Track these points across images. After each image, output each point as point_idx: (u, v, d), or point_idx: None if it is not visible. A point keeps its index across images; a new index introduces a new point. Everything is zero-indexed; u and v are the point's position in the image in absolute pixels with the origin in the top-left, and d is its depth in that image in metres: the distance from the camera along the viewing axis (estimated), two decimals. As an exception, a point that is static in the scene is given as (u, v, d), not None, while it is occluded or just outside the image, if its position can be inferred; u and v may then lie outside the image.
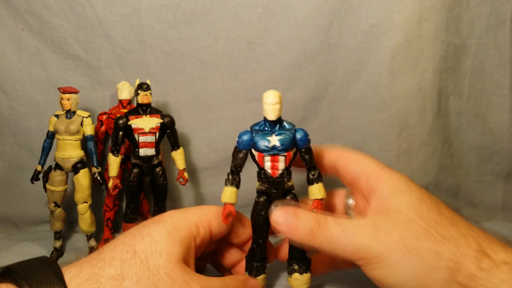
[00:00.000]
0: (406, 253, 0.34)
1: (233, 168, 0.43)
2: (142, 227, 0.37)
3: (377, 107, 0.75)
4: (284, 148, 0.41)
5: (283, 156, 0.42)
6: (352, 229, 0.37)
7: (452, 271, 0.33)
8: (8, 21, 0.71)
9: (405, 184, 0.40)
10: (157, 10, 0.71)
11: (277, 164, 0.42)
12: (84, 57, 0.72)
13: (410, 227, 0.36)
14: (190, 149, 0.76)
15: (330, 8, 0.71)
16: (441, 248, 0.34)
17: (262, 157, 0.42)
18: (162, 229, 0.36)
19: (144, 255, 0.33)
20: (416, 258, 0.34)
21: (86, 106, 0.71)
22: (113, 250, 0.34)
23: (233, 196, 0.42)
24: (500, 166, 0.79)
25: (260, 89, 0.74)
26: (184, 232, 0.37)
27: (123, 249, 0.34)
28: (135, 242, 0.34)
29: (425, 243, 0.35)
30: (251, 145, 0.42)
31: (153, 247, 0.34)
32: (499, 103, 0.78)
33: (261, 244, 0.44)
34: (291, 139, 0.42)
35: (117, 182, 0.60)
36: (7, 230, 0.74)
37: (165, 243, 0.35)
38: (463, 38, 0.75)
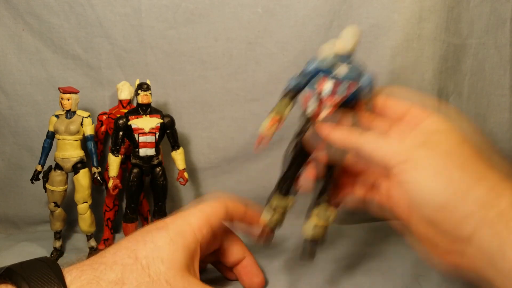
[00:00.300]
0: (446, 164, 0.34)
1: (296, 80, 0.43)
2: (146, 232, 0.37)
3: (377, 107, 0.75)
4: (349, 77, 0.41)
5: (346, 83, 0.41)
6: (394, 135, 0.37)
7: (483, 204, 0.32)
8: (8, 21, 0.71)
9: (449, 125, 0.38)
10: (157, 10, 0.71)
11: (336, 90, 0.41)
12: (84, 57, 0.72)
13: (448, 157, 0.35)
14: (190, 149, 0.76)
15: (330, 8, 0.71)
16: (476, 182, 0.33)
17: (324, 81, 0.41)
18: (165, 236, 0.36)
19: (146, 261, 0.33)
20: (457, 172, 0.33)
21: (86, 106, 0.71)
22: (115, 255, 0.34)
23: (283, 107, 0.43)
24: (500, 166, 0.79)
25: (260, 89, 0.75)
26: (189, 239, 0.37)
27: (125, 254, 0.34)
28: (137, 247, 0.34)
29: (460, 172, 0.33)
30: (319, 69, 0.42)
31: (155, 253, 0.34)
32: (499, 103, 0.78)
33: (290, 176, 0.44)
34: (358, 73, 0.41)
35: (117, 182, 0.60)
36: (7, 230, 0.74)
37: (167, 250, 0.34)
38: (463, 38, 0.75)
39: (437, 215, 0.33)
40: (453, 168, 0.34)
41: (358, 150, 0.38)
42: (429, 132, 0.37)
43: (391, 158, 0.36)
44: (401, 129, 0.41)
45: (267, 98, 0.74)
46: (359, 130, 0.38)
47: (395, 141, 0.36)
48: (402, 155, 0.35)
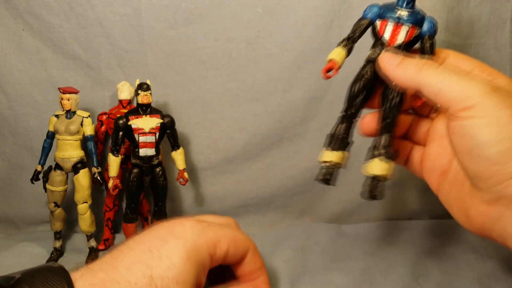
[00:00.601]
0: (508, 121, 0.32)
1: (351, 34, 0.41)
2: (162, 242, 0.34)
3: (377, 107, 0.75)
4: (409, 20, 0.40)
5: (407, 26, 0.40)
6: (468, 76, 0.35)
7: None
8: (8, 21, 0.71)
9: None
10: (157, 10, 0.71)
11: (397, 32, 0.40)
12: (84, 57, 0.72)
13: None
14: (190, 149, 0.76)
15: (330, 8, 0.71)
16: None
17: (385, 25, 0.40)
18: (181, 250, 0.34)
19: (161, 282, 0.32)
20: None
21: (86, 106, 0.71)
22: (129, 271, 0.32)
23: (342, 56, 0.42)
24: (500, 166, 0.79)
25: (260, 89, 0.75)
26: (203, 254, 0.35)
27: (140, 271, 0.32)
28: (152, 264, 0.33)
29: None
30: (378, 16, 0.41)
31: (170, 273, 0.32)
32: (499, 103, 0.78)
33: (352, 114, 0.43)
34: (420, 18, 0.40)
35: (117, 182, 0.60)
36: (7, 230, 0.74)
37: (182, 269, 0.33)
38: (463, 38, 0.75)
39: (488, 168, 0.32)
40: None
41: (423, 88, 0.36)
42: (499, 85, 0.36)
43: (458, 99, 0.34)
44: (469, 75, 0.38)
45: (267, 98, 0.74)
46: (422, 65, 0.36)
47: (464, 82, 0.34)
48: (471, 99, 0.33)
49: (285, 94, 0.74)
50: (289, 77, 0.74)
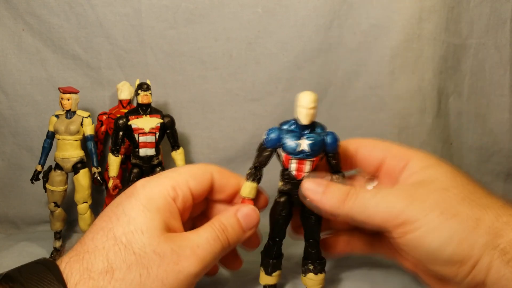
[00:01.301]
0: (444, 216, 0.33)
1: (257, 164, 0.41)
2: (116, 205, 0.35)
3: (377, 107, 0.75)
4: (312, 153, 0.40)
5: (310, 161, 0.40)
6: (385, 195, 0.36)
7: (492, 236, 0.32)
8: (8, 21, 0.71)
9: (435, 160, 0.39)
10: (157, 10, 0.71)
11: (303, 167, 0.41)
12: (84, 57, 0.72)
13: (447, 194, 0.35)
14: (190, 149, 0.76)
15: (330, 8, 0.71)
16: (481, 214, 0.33)
17: (288, 159, 0.41)
18: (136, 204, 0.34)
19: (126, 238, 0.32)
20: (455, 222, 0.33)
21: (86, 106, 0.71)
22: (94, 239, 0.33)
23: (253, 192, 0.41)
24: (500, 166, 0.79)
25: (260, 89, 0.75)
26: (161, 200, 0.35)
27: (103, 235, 0.32)
28: (112, 225, 0.33)
29: (463, 208, 0.34)
30: (279, 144, 0.41)
31: (131, 226, 0.32)
32: (499, 103, 0.78)
33: (278, 242, 0.44)
34: (320, 144, 0.40)
35: (117, 182, 0.60)
36: (7, 230, 0.74)
37: (143, 218, 0.33)
38: (463, 38, 0.75)
39: (450, 268, 0.34)
40: (456, 209, 0.34)
41: (348, 218, 0.38)
42: (419, 169, 0.38)
43: (384, 223, 0.35)
44: (387, 179, 0.41)
45: (267, 98, 0.74)
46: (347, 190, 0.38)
47: (385, 203, 0.36)
48: (398, 218, 0.35)
49: (285, 94, 0.74)
50: (289, 77, 0.74)
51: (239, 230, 0.38)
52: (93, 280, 0.30)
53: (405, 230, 0.34)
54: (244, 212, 0.39)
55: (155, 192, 0.36)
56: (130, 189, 0.36)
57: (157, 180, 0.37)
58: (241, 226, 0.39)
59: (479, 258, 0.32)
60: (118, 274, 0.30)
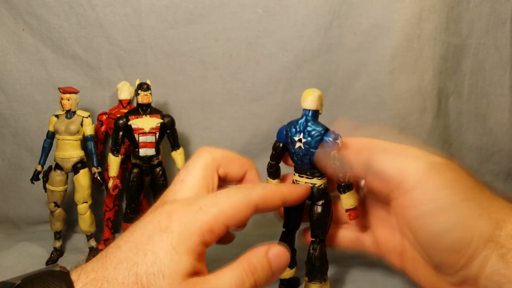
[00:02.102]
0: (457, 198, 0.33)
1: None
2: (147, 238, 0.33)
3: (377, 107, 0.75)
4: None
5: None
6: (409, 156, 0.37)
7: (493, 227, 0.32)
8: (8, 21, 0.71)
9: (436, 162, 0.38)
10: (157, 10, 0.71)
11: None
12: (84, 57, 0.72)
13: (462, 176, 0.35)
14: (190, 149, 0.76)
15: (330, 8, 0.71)
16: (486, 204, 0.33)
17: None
18: (167, 244, 0.32)
19: (146, 279, 0.30)
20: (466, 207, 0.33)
21: (86, 106, 0.71)
22: (116, 269, 0.31)
23: None
24: (500, 166, 0.79)
25: (260, 89, 0.75)
26: (194, 243, 0.33)
27: (126, 269, 0.31)
28: (137, 260, 0.31)
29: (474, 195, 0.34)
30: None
31: (155, 268, 0.31)
32: (499, 103, 0.78)
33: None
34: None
35: (117, 182, 0.60)
36: (7, 230, 0.74)
37: (169, 260, 0.31)
38: (463, 38, 0.75)
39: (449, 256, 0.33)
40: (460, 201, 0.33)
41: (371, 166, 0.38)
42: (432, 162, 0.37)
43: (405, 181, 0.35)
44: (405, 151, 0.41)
45: (267, 98, 0.74)
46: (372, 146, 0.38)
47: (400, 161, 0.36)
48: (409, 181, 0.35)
49: (285, 94, 0.74)
50: (289, 77, 0.74)
51: (268, 272, 0.34)
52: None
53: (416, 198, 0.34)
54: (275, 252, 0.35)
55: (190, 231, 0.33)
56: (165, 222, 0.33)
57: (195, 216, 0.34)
58: (271, 268, 0.35)
59: (476, 250, 0.32)
60: None
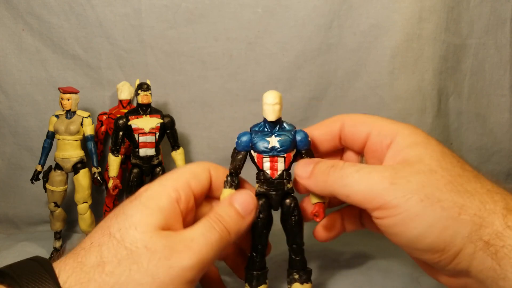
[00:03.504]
0: (426, 203, 0.32)
1: (232, 170, 0.42)
2: (118, 208, 0.36)
3: (377, 107, 0.75)
4: (283, 149, 0.41)
5: (282, 157, 0.41)
6: (368, 173, 0.35)
7: (476, 226, 0.31)
8: (8, 21, 0.71)
9: (424, 137, 0.37)
10: (157, 10, 0.71)
11: (276, 165, 0.41)
12: (84, 57, 0.72)
13: (432, 177, 0.33)
14: (190, 149, 0.76)
15: (330, 8, 0.71)
16: (465, 201, 0.32)
17: (261, 158, 0.41)
18: (135, 204, 0.35)
19: (119, 234, 0.32)
20: (437, 209, 0.31)
21: (86, 106, 0.71)
22: (91, 237, 0.33)
23: None
24: (500, 166, 0.79)
25: (260, 89, 0.75)
26: (163, 200, 0.35)
27: (100, 233, 0.33)
28: (110, 223, 0.34)
29: (448, 195, 0.32)
30: (250, 146, 0.42)
31: (126, 223, 0.33)
32: (499, 103, 0.78)
33: (260, 251, 0.42)
34: (291, 140, 0.41)
35: (117, 182, 0.60)
36: (7, 230, 0.74)
37: (139, 215, 0.33)
38: (463, 38, 0.75)
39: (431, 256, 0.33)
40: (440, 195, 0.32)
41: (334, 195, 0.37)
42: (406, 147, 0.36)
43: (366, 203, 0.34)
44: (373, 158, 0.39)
45: (267, 98, 0.74)
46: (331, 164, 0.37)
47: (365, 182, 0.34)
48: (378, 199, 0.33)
49: (285, 94, 0.74)
50: (289, 77, 0.74)
51: (237, 217, 0.37)
52: (84, 273, 0.30)
53: (385, 213, 0.33)
54: (239, 198, 0.39)
55: (157, 193, 0.36)
56: (135, 194, 0.37)
57: (159, 182, 0.37)
58: (238, 213, 0.38)
59: (462, 248, 0.31)
60: (109, 268, 0.30)
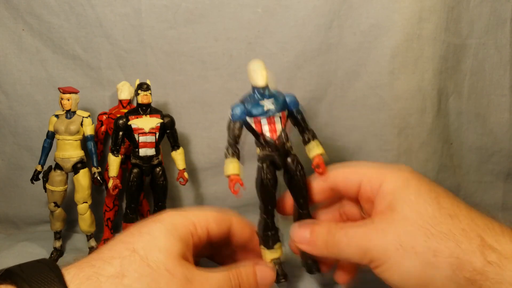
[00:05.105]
0: (402, 252, 0.34)
1: (231, 140, 0.42)
2: (141, 226, 0.37)
3: (377, 107, 0.75)
4: (278, 108, 0.42)
5: (278, 116, 0.43)
6: (354, 233, 0.38)
7: (455, 267, 0.33)
8: (8, 21, 0.71)
9: (403, 179, 0.39)
10: (157, 10, 0.71)
11: (274, 125, 0.42)
12: (84, 57, 0.72)
13: (405, 225, 0.35)
14: (190, 149, 0.76)
15: (330, 8, 0.71)
16: (439, 244, 0.33)
17: (259, 121, 0.42)
18: (161, 227, 0.36)
19: (144, 252, 0.33)
20: (413, 257, 0.34)
21: (86, 106, 0.71)
22: (111, 250, 0.34)
23: (236, 167, 0.42)
24: (500, 166, 0.79)
25: (260, 89, 0.75)
26: (183, 230, 0.37)
27: (122, 247, 0.33)
28: (133, 240, 0.34)
29: (420, 241, 0.34)
30: (245, 114, 0.43)
31: (152, 244, 0.34)
32: (499, 103, 0.78)
33: (271, 212, 0.44)
34: (282, 100, 0.43)
35: (117, 182, 0.60)
36: (7, 230, 0.74)
37: (164, 239, 0.35)
38: (463, 38, 0.75)
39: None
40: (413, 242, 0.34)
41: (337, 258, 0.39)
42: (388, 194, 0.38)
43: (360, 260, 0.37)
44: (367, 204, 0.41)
45: (267, 98, 0.74)
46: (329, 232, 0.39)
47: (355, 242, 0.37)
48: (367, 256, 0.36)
49: (285, 94, 0.74)
50: (289, 77, 0.74)
51: (253, 283, 0.39)
52: (99, 282, 0.30)
53: (374, 265, 0.36)
54: (262, 268, 0.40)
55: (179, 222, 0.37)
56: (157, 216, 0.38)
57: (182, 213, 0.39)
58: (255, 280, 0.39)
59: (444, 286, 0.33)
60: (127, 281, 0.31)
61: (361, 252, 0.36)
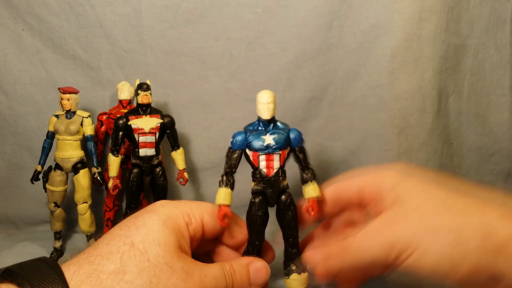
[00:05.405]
0: (431, 234, 0.34)
1: (227, 169, 0.42)
2: (135, 218, 0.36)
3: (377, 107, 0.75)
4: (278, 146, 0.42)
5: (277, 154, 0.42)
6: (374, 231, 0.37)
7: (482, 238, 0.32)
8: (8, 21, 0.71)
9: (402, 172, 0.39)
10: (157, 10, 0.71)
11: (272, 162, 0.42)
12: (84, 57, 0.72)
13: (422, 211, 0.35)
14: (190, 149, 0.76)
15: (330, 8, 0.71)
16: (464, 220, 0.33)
17: (257, 156, 0.42)
18: (156, 219, 0.35)
19: (143, 246, 0.33)
20: (442, 236, 0.33)
21: (86, 106, 0.71)
22: (109, 244, 0.33)
23: (228, 198, 0.41)
24: (500, 166, 0.79)
25: (260, 89, 0.74)
26: (178, 221, 0.37)
27: (120, 241, 0.33)
28: (130, 233, 0.34)
29: (444, 221, 0.34)
30: (246, 145, 0.42)
31: (150, 237, 0.34)
32: (499, 103, 0.78)
33: (258, 246, 0.43)
34: (285, 138, 0.42)
35: (117, 182, 0.60)
36: (7, 230, 0.74)
37: (161, 232, 0.34)
38: (463, 38, 0.75)
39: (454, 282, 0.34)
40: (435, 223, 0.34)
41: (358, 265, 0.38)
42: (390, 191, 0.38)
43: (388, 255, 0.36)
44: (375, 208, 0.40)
45: (267, 98, 0.74)
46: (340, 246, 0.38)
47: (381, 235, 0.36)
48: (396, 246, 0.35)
49: (285, 94, 0.74)
50: (289, 77, 0.74)
51: (246, 281, 0.39)
52: (101, 280, 0.30)
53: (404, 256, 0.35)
54: (256, 266, 0.40)
55: (174, 213, 0.37)
56: (151, 206, 0.38)
57: (176, 204, 0.39)
58: (248, 278, 0.39)
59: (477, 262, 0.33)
60: (129, 277, 0.31)
61: (388, 247, 0.35)
